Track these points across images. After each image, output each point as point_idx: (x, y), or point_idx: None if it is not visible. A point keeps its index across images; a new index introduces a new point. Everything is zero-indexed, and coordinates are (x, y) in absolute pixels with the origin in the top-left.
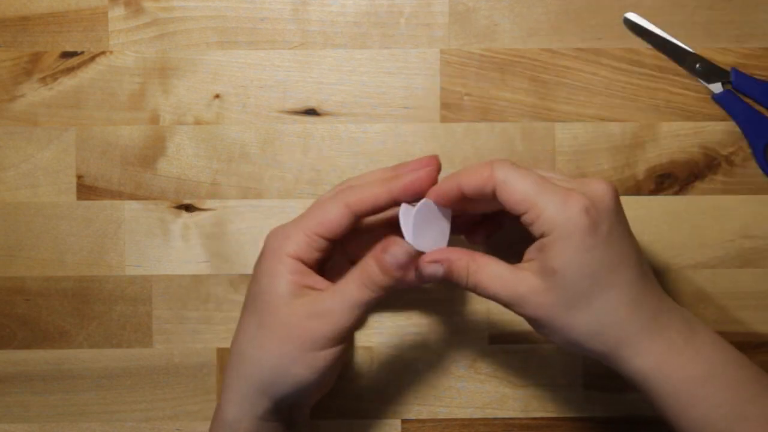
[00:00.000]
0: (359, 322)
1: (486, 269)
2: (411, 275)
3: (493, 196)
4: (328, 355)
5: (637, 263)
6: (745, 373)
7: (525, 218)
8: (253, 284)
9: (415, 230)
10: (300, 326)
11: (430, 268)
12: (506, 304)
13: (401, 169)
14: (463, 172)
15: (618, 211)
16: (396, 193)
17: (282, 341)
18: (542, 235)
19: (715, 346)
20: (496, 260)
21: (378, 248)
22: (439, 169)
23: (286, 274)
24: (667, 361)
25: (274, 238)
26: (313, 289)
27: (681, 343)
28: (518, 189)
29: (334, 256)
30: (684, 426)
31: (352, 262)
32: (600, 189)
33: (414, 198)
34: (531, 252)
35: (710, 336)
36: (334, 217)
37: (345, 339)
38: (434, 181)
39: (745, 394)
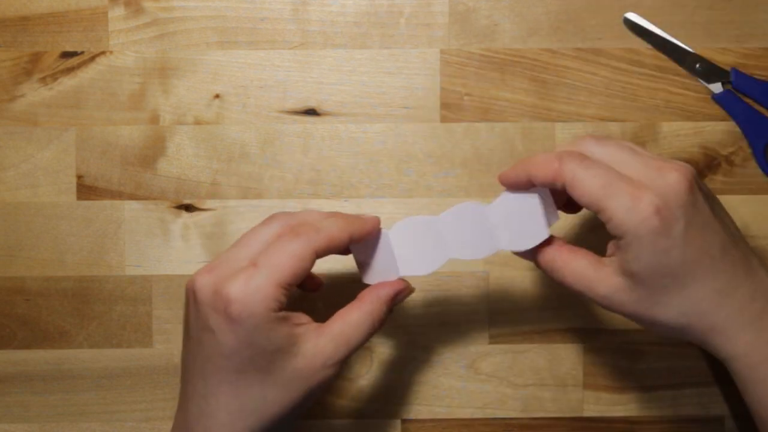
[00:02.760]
0: None
1: (570, 266)
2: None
3: (564, 189)
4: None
5: (722, 251)
6: None
7: (599, 217)
8: (246, 348)
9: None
10: (316, 378)
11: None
12: (588, 299)
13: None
14: (532, 164)
15: (695, 202)
16: (357, 235)
17: (300, 393)
18: (616, 237)
19: None
20: (581, 255)
21: (387, 292)
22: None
23: (279, 329)
24: (757, 349)
25: (251, 302)
26: (300, 325)
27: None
28: (586, 191)
29: None
30: None
31: None
32: (674, 181)
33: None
34: (611, 247)
35: None
36: (306, 267)
37: None
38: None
39: None
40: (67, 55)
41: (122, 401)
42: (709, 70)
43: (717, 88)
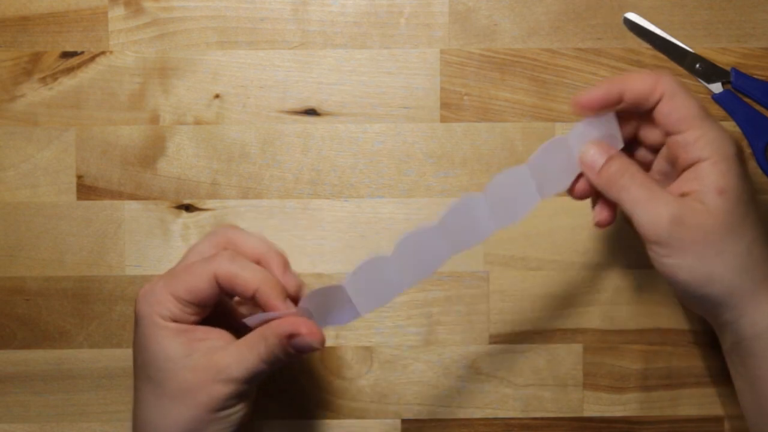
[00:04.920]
0: (264, 379)
1: (640, 178)
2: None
3: (649, 110)
4: (239, 410)
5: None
6: None
7: (681, 138)
8: (140, 353)
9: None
10: (205, 391)
11: (590, 155)
12: (645, 221)
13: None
14: (626, 78)
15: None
16: (264, 295)
17: (189, 408)
18: (699, 160)
19: None
20: (653, 181)
21: (285, 329)
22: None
23: (171, 338)
24: None
25: (145, 303)
26: (204, 340)
27: None
28: (686, 105)
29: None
30: None
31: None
32: (738, 142)
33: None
34: (681, 185)
35: None
36: (202, 288)
37: (253, 392)
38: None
39: None
40: (67, 55)
41: (122, 401)
42: (709, 70)
43: (717, 88)
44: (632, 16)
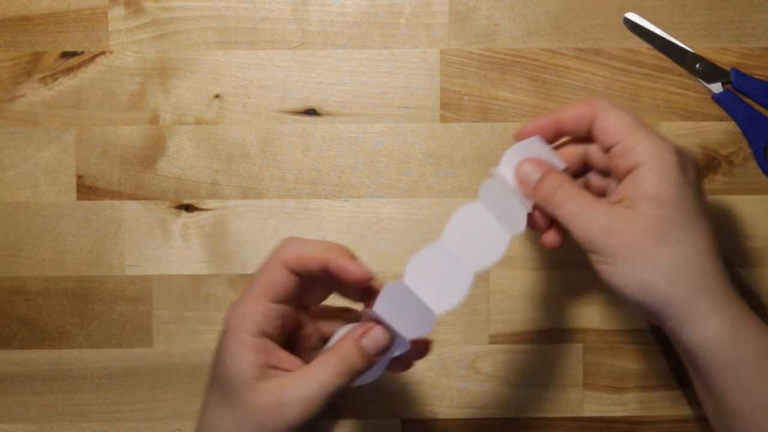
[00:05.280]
0: (329, 406)
1: (575, 194)
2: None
3: (588, 131)
4: None
5: (710, 228)
6: None
7: (619, 149)
8: (217, 362)
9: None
10: (270, 415)
11: (526, 169)
12: (582, 233)
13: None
14: (561, 109)
15: (698, 176)
16: (333, 260)
17: (253, 427)
18: (635, 167)
19: None
20: (583, 189)
21: (357, 332)
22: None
23: (249, 356)
24: (743, 327)
25: (232, 315)
26: (279, 368)
27: (749, 316)
28: (620, 117)
29: (305, 328)
30: (743, 402)
31: (323, 338)
32: (688, 150)
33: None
34: (618, 193)
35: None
36: (276, 278)
37: (315, 421)
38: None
39: None
40: (67, 55)
41: (122, 401)
42: (709, 70)
43: (717, 88)
44: (632, 16)
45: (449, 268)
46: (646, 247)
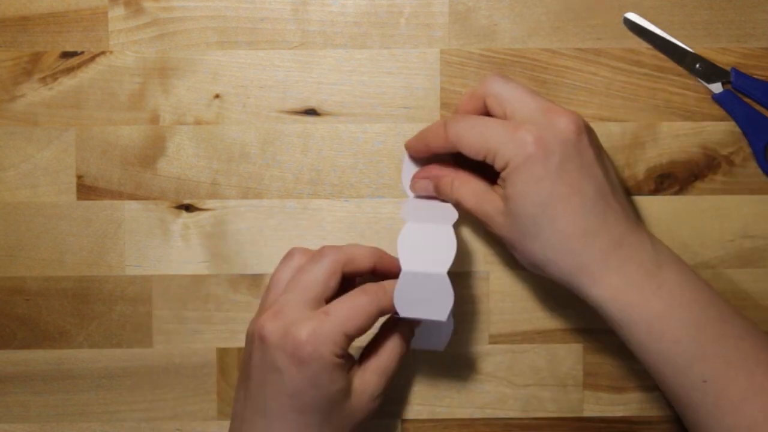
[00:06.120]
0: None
1: (468, 185)
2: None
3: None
4: None
5: (596, 194)
6: (711, 313)
7: (487, 161)
8: (310, 388)
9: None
10: (364, 411)
11: (421, 185)
12: (480, 220)
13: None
14: (427, 134)
15: (578, 142)
16: (379, 261)
17: (351, 427)
18: (503, 170)
19: (681, 283)
20: (478, 179)
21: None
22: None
23: (341, 372)
24: (624, 294)
25: (313, 345)
26: (351, 367)
27: (640, 278)
28: (469, 142)
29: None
30: (645, 358)
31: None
32: (561, 122)
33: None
34: (500, 180)
35: (679, 273)
36: (372, 323)
37: None
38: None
39: (708, 334)
40: (67, 55)
41: (122, 401)
42: (709, 70)
43: (717, 88)
44: (632, 16)
45: (428, 285)
46: (518, 239)
